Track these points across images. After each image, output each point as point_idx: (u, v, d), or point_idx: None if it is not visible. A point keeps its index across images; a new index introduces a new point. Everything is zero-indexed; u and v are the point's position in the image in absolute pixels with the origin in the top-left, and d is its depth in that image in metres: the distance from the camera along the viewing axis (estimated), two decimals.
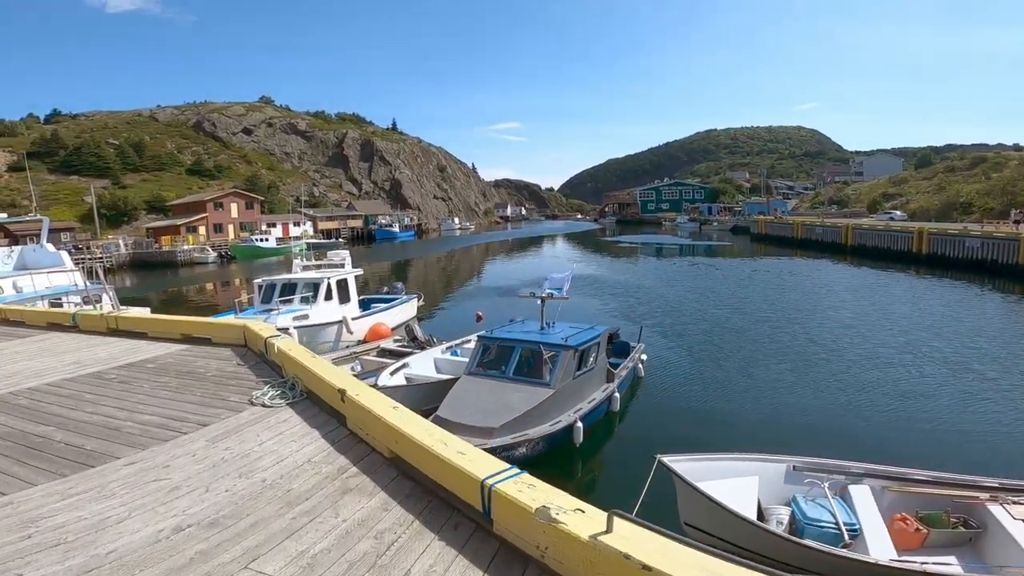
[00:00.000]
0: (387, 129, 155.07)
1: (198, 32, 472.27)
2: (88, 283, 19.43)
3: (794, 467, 6.58)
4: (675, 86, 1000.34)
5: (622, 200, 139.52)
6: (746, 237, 66.19)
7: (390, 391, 9.79)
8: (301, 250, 19.90)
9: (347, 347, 14.89)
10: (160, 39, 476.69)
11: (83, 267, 20.95)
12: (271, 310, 15.18)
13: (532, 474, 3.23)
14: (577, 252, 59.98)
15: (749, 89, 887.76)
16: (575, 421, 8.95)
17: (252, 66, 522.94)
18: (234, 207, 77.74)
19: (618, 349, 12.83)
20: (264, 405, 5.44)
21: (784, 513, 6.11)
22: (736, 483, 6.28)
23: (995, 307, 22.30)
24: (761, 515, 6.16)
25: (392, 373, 11.04)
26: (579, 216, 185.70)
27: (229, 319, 9.10)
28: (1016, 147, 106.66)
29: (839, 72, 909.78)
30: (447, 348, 13.05)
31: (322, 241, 71.67)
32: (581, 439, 8.98)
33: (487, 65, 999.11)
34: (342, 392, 4.74)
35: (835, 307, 22.17)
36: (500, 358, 9.86)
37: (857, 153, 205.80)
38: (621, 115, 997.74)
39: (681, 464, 6.10)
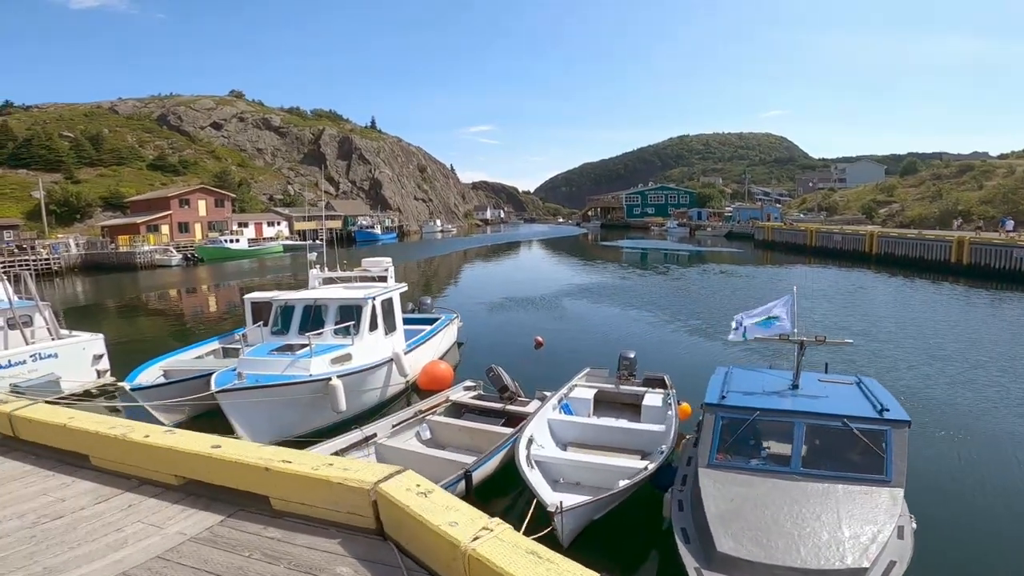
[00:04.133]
0: (366, 127, 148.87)
1: (166, 29, 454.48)
2: (16, 297, 14.71)
3: None
4: (648, 92, 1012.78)
5: (606, 204, 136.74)
6: (745, 243, 63.66)
7: (572, 517, 5.78)
8: (320, 256, 14.44)
9: (410, 404, 10.28)
10: (127, 36, 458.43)
11: (11, 274, 15.87)
12: (294, 347, 10.27)
13: None
14: (578, 258, 56.55)
15: (721, 95, 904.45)
16: (911, 520, 5.61)
17: (224, 63, 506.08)
18: (202, 204, 71.78)
19: None
20: None
21: None
22: None
23: None
24: None
25: (528, 461, 6.97)
26: (560, 220, 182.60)
27: (329, 460, 3.17)
28: (976, 155, 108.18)
29: (808, 80, 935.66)
30: (558, 403, 9.00)
31: (297, 243, 66.31)
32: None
33: (461, 67, 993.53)
34: None
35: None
36: (765, 440, 6.25)
37: (824, 160, 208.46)
38: (595, 120, 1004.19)
39: None
